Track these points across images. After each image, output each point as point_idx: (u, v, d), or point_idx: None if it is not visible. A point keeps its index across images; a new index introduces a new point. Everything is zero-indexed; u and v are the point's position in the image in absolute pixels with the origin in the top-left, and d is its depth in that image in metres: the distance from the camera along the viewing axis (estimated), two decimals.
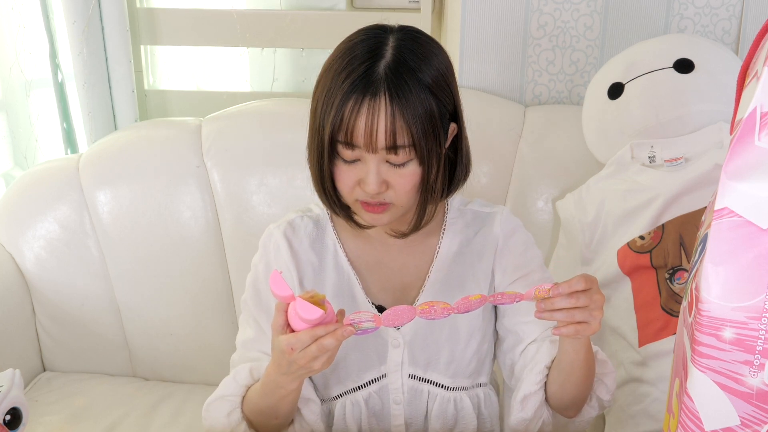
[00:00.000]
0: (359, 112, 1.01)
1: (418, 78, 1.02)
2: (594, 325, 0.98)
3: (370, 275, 1.17)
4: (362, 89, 1.01)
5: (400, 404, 1.16)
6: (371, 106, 1.00)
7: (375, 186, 1.03)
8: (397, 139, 1.01)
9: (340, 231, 1.19)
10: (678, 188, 1.38)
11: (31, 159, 1.94)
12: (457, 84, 1.11)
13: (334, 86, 1.04)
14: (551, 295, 0.96)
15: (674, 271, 1.34)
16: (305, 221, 1.20)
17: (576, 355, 1.05)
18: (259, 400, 1.09)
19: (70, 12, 1.77)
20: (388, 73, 1.01)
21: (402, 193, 1.06)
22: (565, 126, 1.71)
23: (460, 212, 1.20)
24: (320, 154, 1.06)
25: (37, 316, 1.75)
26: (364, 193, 1.05)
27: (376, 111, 1.00)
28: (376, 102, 1.00)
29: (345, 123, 1.01)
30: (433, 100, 1.03)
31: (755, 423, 0.70)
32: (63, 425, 1.58)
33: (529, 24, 1.77)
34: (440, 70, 1.05)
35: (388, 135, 1.01)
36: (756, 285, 0.67)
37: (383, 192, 1.05)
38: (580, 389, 1.09)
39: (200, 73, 2.07)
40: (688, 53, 1.49)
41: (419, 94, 1.02)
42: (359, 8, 1.97)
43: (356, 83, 1.01)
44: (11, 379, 0.97)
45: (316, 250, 1.18)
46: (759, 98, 0.65)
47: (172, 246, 1.72)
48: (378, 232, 1.17)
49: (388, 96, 1.00)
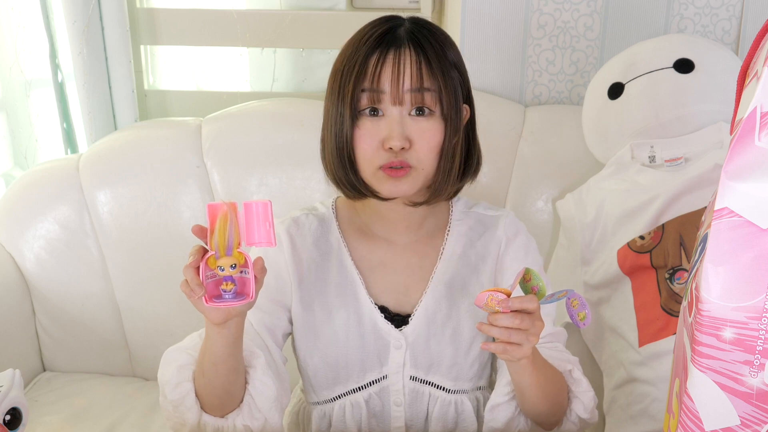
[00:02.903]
0: (384, 61, 1.04)
1: (439, 42, 1.07)
2: (525, 350, 0.95)
3: (373, 275, 1.17)
4: (386, 45, 1.05)
5: (401, 406, 1.16)
6: (396, 56, 1.04)
7: (399, 139, 1.03)
8: (424, 82, 1.04)
9: (345, 230, 1.19)
10: (678, 188, 1.38)
11: (31, 159, 1.94)
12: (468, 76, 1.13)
13: (355, 51, 1.06)
14: (502, 310, 0.93)
15: (674, 271, 1.34)
16: (310, 219, 1.19)
17: (519, 377, 1.03)
18: (200, 351, 1.06)
19: (70, 12, 1.77)
20: (409, 32, 1.06)
21: (423, 152, 1.06)
22: (565, 126, 1.71)
23: (465, 214, 1.20)
24: (341, 122, 1.06)
25: (37, 316, 1.75)
26: (386, 155, 1.05)
27: (402, 59, 1.04)
28: (401, 52, 1.04)
29: (370, 73, 1.04)
30: (452, 67, 1.07)
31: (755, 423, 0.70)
32: (63, 425, 1.58)
33: (529, 24, 1.77)
34: (454, 49, 1.10)
35: (415, 77, 1.03)
36: (756, 285, 0.67)
37: (406, 150, 1.05)
38: (543, 407, 1.07)
39: (200, 73, 2.07)
40: (688, 53, 1.49)
41: (441, 53, 1.06)
42: (359, 8, 1.97)
43: (379, 40, 1.05)
44: (11, 379, 0.97)
45: (319, 248, 1.17)
46: (759, 98, 0.65)
47: (172, 246, 1.72)
48: (384, 228, 1.17)
49: (413, 46, 1.04)
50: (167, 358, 1.09)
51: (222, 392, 1.06)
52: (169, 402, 1.07)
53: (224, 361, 1.02)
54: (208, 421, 1.08)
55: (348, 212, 1.20)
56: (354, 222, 1.19)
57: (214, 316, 0.97)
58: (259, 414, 1.08)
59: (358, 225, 1.19)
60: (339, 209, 1.21)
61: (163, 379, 1.07)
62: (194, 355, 1.08)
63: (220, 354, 1.01)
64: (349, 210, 1.20)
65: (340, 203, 1.21)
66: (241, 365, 1.06)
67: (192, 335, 1.12)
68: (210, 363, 1.03)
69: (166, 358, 1.09)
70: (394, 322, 1.15)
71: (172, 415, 1.08)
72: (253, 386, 1.08)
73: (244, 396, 1.08)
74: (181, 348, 1.10)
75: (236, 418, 1.08)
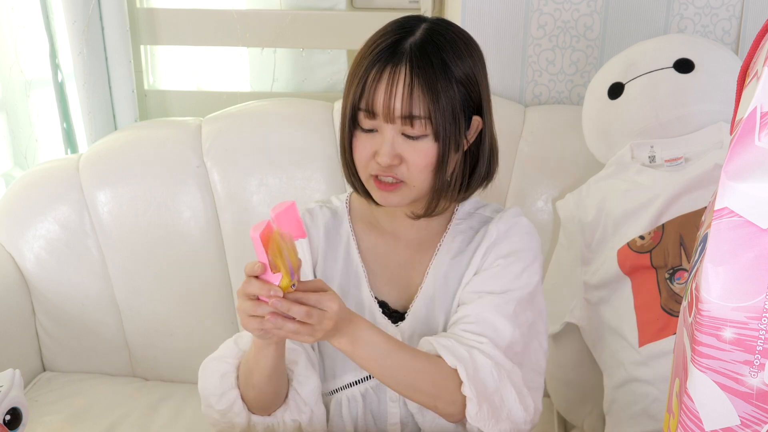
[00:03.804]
0: (380, 79, 1.04)
1: (443, 58, 1.05)
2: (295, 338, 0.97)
3: (378, 270, 1.18)
4: (386, 59, 1.04)
5: (396, 402, 1.16)
6: (392, 75, 1.03)
7: (387, 157, 1.04)
8: (413, 109, 1.03)
9: (356, 224, 1.21)
10: (678, 188, 1.38)
11: (31, 159, 1.94)
12: (488, 82, 1.12)
13: (362, 59, 1.07)
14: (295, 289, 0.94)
15: (674, 271, 1.34)
16: (324, 211, 1.21)
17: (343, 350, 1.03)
18: (244, 364, 1.09)
19: (70, 12, 1.76)
20: (413, 47, 1.04)
21: (415, 170, 1.06)
22: (565, 126, 1.71)
23: (469, 215, 1.20)
24: (344, 125, 1.08)
25: (37, 316, 1.75)
26: (377, 166, 1.06)
27: (395, 79, 1.03)
28: (397, 71, 1.03)
29: (366, 90, 1.04)
30: (456, 83, 1.05)
31: (755, 423, 0.70)
32: (63, 425, 1.58)
33: (529, 24, 1.76)
34: (468, 59, 1.07)
35: (405, 104, 1.03)
36: (756, 285, 0.67)
37: (396, 166, 1.06)
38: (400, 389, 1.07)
39: (200, 73, 2.07)
40: (688, 53, 1.49)
41: (441, 72, 1.04)
42: (359, 8, 1.96)
43: (382, 54, 1.05)
44: (11, 379, 0.97)
45: (329, 240, 1.19)
46: (759, 98, 0.65)
47: (172, 246, 1.72)
48: (391, 223, 1.18)
49: (409, 67, 1.03)
50: (207, 369, 1.12)
51: (273, 396, 1.10)
52: (216, 411, 1.10)
53: (275, 370, 1.06)
54: (257, 421, 1.12)
55: (360, 206, 1.22)
56: (365, 216, 1.21)
57: (274, 338, 1.01)
58: (306, 407, 1.12)
59: (369, 219, 1.21)
60: (352, 203, 1.23)
61: (206, 390, 1.10)
62: (233, 363, 1.11)
63: (272, 366, 1.05)
64: (361, 204, 1.21)
65: (354, 197, 1.23)
66: (286, 370, 1.11)
67: (227, 343, 1.14)
68: (263, 377, 1.06)
69: (206, 369, 1.12)
70: (392, 318, 1.17)
71: (219, 422, 1.11)
72: (297, 382, 1.11)
73: (289, 392, 1.12)
74: (219, 357, 1.12)
75: (284, 414, 1.12)
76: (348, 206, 1.23)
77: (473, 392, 1.04)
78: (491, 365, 1.05)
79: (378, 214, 1.19)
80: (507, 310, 1.09)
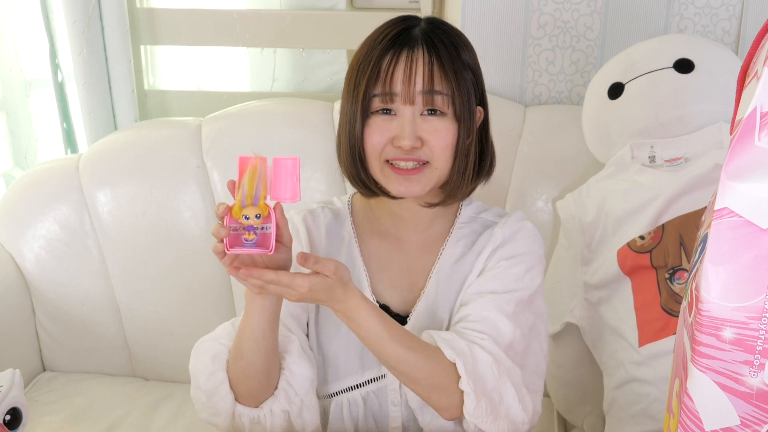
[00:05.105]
0: (397, 63, 1.04)
1: (453, 43, 1.07)
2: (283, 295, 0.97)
3: (380, 273, 1.18)
4: (401, 44, 1.05)
5: (398, 406, 1.16)
6: (409, 56, 1.04)
7: (410, 139, 1.04)
8: (435, 84, 1.04)
9: (358, 226, 1.20)
10: (678, 188, 1.38)
11: (31, 159, 1.94)
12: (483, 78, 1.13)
13: (371, 49, 1.06)
14: None
15: (674, 271, 1.34)
16: (325, 212, 1.21)
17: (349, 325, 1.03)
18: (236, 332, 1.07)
19: (70, 12, 1.77)
20: (424, 33, 1.06)
21: (437, 149, 1.06)
22: (565, 126, 1.71)
23: (472, 219, 1.20)
24: (354, 120, 1.06)
25: (37, 316, 1.75)
26: (396, 151, 1.05)
27: (414, 59, 1.04)
28: (415, 52, 1.04)
29: (382, 74, 1.04)
30: (467, 68, 1.07)
31: (755, 423, 0.70)
32: (63, 425, 1.58)
33: (529, 24, 1.77)
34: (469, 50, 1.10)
35: (427, 79, 1.03)
36: (756, 285, 0.67)
37: (418, 149, 1.05)
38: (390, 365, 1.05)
39: (200, 73, 2.07)
40: (688, 53, 1.49)
41: (456, 55, 1.06)
42: (359, 8, 1.96)
43: (395, 40, 1.05)
44: (11, 379, 0.97)
45: (331, 241, 1.19)
46: (759, 98, 0.65)
47: (172, 246, 1.72)
48: (394, 225, 1.17)
49: (426, 48, 1.04)
50: (199, 349, 1.10)
51: (262, 375, 1.06)
52: (203, 392, 1.07)
53: (264, 338, 1.03)
54: (243, 411, 1.09)
55: (363, 208, 1.21)
56: (368, 218, 1.20)
57: None
58: (296, 397, 1.09)
59: (372, 221, 1.20)
60: (354, 205, 1.22)
61: (196, 369, 1.08)
62: (227, 345, 1.09)
63: (261, 329, 1.03)
64: (364, 206, 1.21)
65: (357, 199, 1.22)
66: (278, 348, 1.08)
67: (224, 324, 1.13)
68: (251, 341, 1.03)
69: (199, 349, 1.10)
70: None
71: (205, 406, 1.09)
72: (289, 370, 1.09)
73: (279, 382, 1.09)
74: (214, 338, 1.10)
75: (272, 405, 1.09)
76: (350, 208, 1.22)
77: (471, 387, 1.03)
78: (491, 361, 1.04)
79: (382, 216, 1.18)
80: (508, 309, 1.09)
